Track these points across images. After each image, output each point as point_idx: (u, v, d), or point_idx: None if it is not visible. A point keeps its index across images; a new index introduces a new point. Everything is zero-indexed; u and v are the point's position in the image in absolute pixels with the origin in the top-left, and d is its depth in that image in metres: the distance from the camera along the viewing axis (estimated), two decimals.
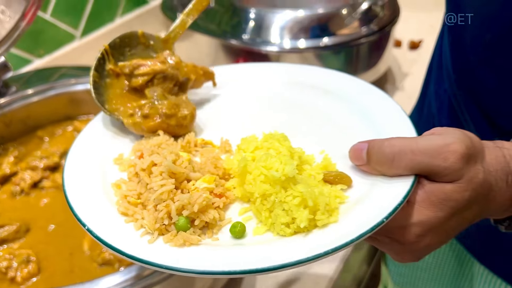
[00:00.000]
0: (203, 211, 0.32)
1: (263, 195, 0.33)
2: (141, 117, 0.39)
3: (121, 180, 0.36)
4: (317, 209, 0.32)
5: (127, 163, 0.37)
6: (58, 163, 0.61)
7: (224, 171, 0.37)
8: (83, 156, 0.38)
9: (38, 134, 0.66)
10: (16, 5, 0.63)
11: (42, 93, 0.67)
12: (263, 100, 0.46)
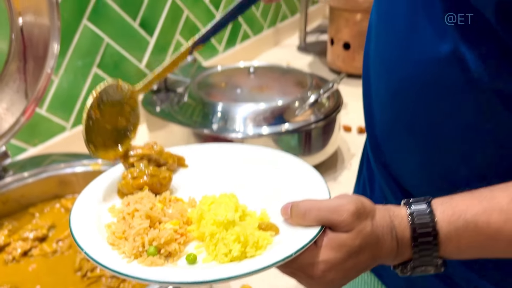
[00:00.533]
0: (168, 243, 0.44)
1: (211, 234, 0.45)
2: (131, 178, 0.52)
3: (111, 222, 0.47)
4: (247, 244, 0.44)
5: (117, 211, 0.49)
6: (46, 235, 0.71)
7: (188, 219, 0.49)
8: (85, 206, 0.50)
9: (29, 211, 0.77)
10: (18, 103, 0.76)
11: (35, 176, 0.78)
12: (223, 171, 0.58)
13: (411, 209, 0.46)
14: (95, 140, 0.53)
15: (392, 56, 0.56)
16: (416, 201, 0.46)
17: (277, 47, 1.80)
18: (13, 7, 0.70)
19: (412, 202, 0.46)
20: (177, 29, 1.35)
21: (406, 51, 0.53)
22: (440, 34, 0.48)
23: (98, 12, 1.08)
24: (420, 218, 0.45)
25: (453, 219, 0.44)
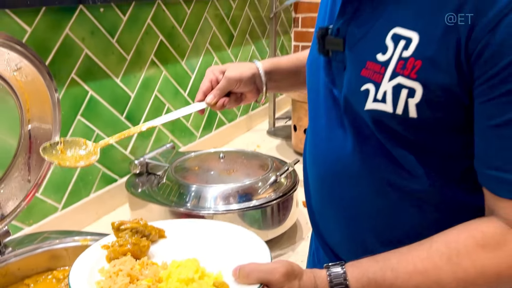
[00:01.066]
0: None
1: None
2: (118, 246, 0.67)
3: (100, 280, 0.62)
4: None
5: (105, 271, 0.63)
6: None
7: (159, 278, 0.63)
8: (80, 267, 0.65)
9: (25, 282, 0.89)
10: (21, 189, 0.92)
11: (30, 252, 0.92)
12: (192, 240, 0.73)
13: (329, 271, 0.60)
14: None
15: (317, 151, 0.74)
16: (334, 265, 0.61)
17: (249, 131, 2.01)
18: (24, 116, 0.88)
19: (331, 266, 0.61)
20: None
21: (326, 150, 0.72)
22: (344, 138, 0.67)
23: (90, 108, 1.27)
24: (336, 278, 0.59)
25: (359, 277, 0.59)
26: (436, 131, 0.57)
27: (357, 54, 0.62)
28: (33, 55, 0.82)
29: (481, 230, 0.54)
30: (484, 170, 0.55)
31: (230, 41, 1.92)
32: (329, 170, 0.71)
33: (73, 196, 1.25)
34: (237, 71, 0.85)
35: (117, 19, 1.33)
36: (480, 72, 0.51)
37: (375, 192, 0.65)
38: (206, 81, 0.86)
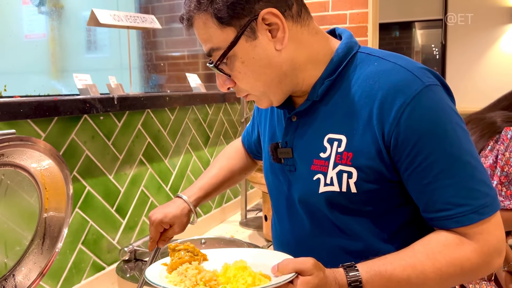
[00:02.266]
0: (209, 281, 0.78)
1: (234, 276, 0.77)
2: (177, 258, 0.85)
3: (171, 279, 0.81)
4: (256, 278, 0.75)
5: (172, 275, 0.83)
6: None
7: (217, 275, 0.81)
8: (151, 273, 0.82)
9: None
10: (33, 272, 1.05)
11: None
12: (231, 259, 0.86)
13: (343, 266, 0.78)
14: None
15: (282, 233, 0.96)
16: (348, 265, 0.78)
17: (223, 223, 2.18)
18: (43, 206, 1.05)
19: (345, 265, 0.78)
20: (144, 212, 1.72)
21: (289, 231, 0.94)
22: (302, 221, 0.90)
23: (87, 202, 1.44)
24: (351, 270, 0.77)
25: (368, 270, 0.78)
26: (373, 201, 0.81)
27: (304, 156, 0.87)
28: (59, 158, 1.02)
29: (444, 236, 0.78)
30: (430, 215, 0.79)
31: (207, 142, 2.17)
32: (294, 245, 0.92)
33: (67, 283, 1.37)
34: (182, 227, 1.08)
35: (113, 125, 1.56)
36: (398, 155, 0.77)
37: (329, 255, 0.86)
38: (155, 233, 1.06)
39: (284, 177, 0.93)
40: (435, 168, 0.76)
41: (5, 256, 1.00)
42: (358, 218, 0.83)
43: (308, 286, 0.71)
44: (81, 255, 1.43)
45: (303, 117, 0.87)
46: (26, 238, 1.05)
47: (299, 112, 0.87)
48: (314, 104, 0.85)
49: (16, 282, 1.02)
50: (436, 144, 0.76)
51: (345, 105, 0.82)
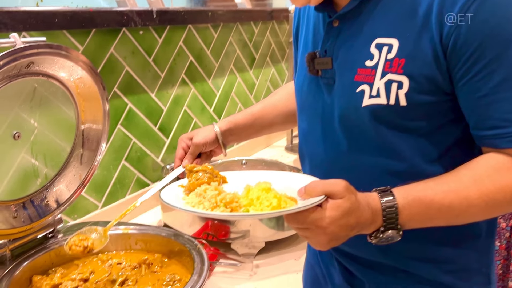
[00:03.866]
0: (231, 202, 0.72)
1: (257, 198, 0.71)
2: (195, 179, 0.80)
3: (188, 200, 0.76)
4: (281, 201, 0.69)
5: (190, 195, 0.77)
6: (88, 277, 0.97)
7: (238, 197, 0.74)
8: (167, 194, 0.79)
9: (75, 262, 1.03)
10: (73, 184, 1.06)
11: None
12: (252, 182, 0.81)
13: (377, 190, 0.70)
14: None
15: (315, 153, 0.87)
16: (383, 189, 0.70)
17: (268, 147, 2.14)
18: (79, 118, 1.04)
19: (379, 189, 0.70)
20: (187, 132, 1.70)
21: (323, 150, 0.85)
22: (338, 138, 0.81)
23: (128, 119, 1.43)
24: (385, 195, 0.68)
25: (405, 196, 0.69)
26: (423, 116, 0.70)
27: (346, 65, 0.76)
28: (92, 69, 0.98)
29: (495, 159, 0.68)
30: (481, 133, 0.69)
31: (252, 64, 2.08)
32: (327, 167, 0.84)
33: (111, 197, 1.40)
34: (201, 137, 1.00)
35: (153, 41, 1.50)
36: (456, 60, 0.66)
37: (368, 176, 0.78)
38: (180, 149, 0.99)
39: (320, 92, 0.83)
40: (495, 78, 0.64)
41: (45, 166, 1.01)
42: (404, 135, 0.73)
43: (338, 210, 0.65)
44: (125, 171, 1.44)
45: (347, 21, 0.76)
46: (65, 149, 1.05)
47: (343, 14, 0.75)
48: (361, 4, 0.73)
49: (57, 193, 1.04)
50: (502, 49, 0.63)
51: (399, 3, 0.70)
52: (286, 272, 1.14)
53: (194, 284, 0.86)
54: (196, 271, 0.90)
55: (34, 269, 0.96)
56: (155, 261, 1.02)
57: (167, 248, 1.04)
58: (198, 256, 0.95)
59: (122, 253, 1.08)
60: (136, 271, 1.00)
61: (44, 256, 0.99)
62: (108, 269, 1.00)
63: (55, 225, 1.04)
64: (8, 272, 0.92)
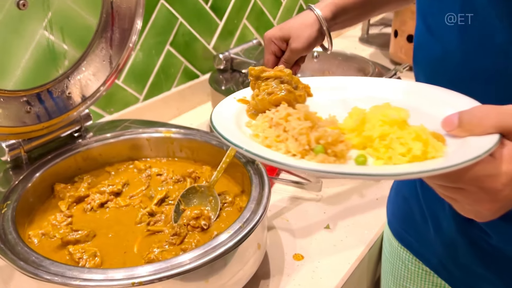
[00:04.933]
0: (335, 143, 0.42)
1: (382, 136, 0.42)
2: (267, 94, 0.51)
3: (255, 134, 0.47)
4: (428, 144, 0.40)
5: (261, 122, 0.48)
6: (121, 190, 0.78)
7: (340, 129, 0.45)
8: (222, 122, 0.48)
9: (106, 169, 0.84)
10: (103, 71, 0.84)
11: (112, 138, 0.86)
12: (352, 98, 0.54)
13: None
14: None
15: (448, 52, 0.56)
16: None
17: (339, 37, 1.81)
18: None
19: None
20: (244, 15, 1.40)
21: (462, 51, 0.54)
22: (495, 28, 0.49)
23: None
24: None
25: None
26: None
27: None
28: None
29: None
30: None
31: None
32: (470, 72, 0.55)
33: (154, 89, 1.18)
34: (302, 41, 0.68)
35: None
36: None
37: None
38: (269, 56, 0.72)
39: None
40: None
41: (64, 44, 0.78)
42: None
43: None
44: (170, 59, 1.20)
45: None
46: (90, 26, 0.80)
47: None
48: None
49: (82, 82, 0.82)
50: None
51: None
52: (362, 196, 0.91)
53: (251, 215, 0.65)
54: (254, 197, 0.68)
55: (56, 176, 0.79)
56: (202, 175, 0.81)
57: (218, 159, 0.83)
58: (256, 176, 0.73)
59: (163, 160, 0.88)
60: (180, 185, 0.80)
61: (69, 160, 0.81)
62: (145, 180, 0.81)
63: (82, 122, 0.84)
64: (25, 177, 0.74)
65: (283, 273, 0.73)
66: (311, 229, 0.82)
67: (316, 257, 0.76)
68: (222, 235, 0.61)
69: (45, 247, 0.67)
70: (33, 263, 0.57)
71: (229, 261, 0.61)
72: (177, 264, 0.56)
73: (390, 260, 0.81)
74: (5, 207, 0.67)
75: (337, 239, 0.80)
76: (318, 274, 0.73)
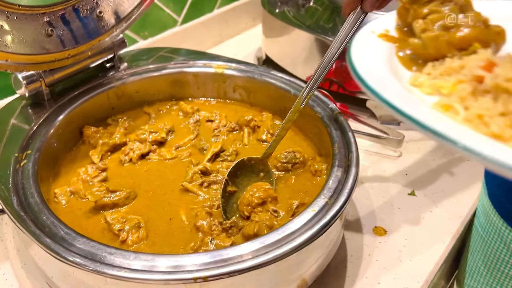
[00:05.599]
0: None
1: None
2: (441, 28, 0.32)
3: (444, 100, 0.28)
4: None
5: (441, 86, 0.30)
6: (165, 138, 0.63)
7: None
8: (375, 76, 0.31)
9: (145, 110, 0.69)
10: None
11: (152, 71, 0.70)
12: None
13: None
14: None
15: None
16: None
17: None
18: None
19: None
20: None
21: None
22: None
23: None
24: None
25: None
26: None
27: None
28: None
29: None
30: None
31: None
32: None
33: (194, 10, 0.99)
34: None
35: None
36: None
37: None
38: None
39: None
40: None
41: None
42: None
43: None
44: None
45: None
46: None
47: None
48: None
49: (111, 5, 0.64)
50: None
51: None
52: (452, 155, 0.75)
53: (338, 186, 0.50)
54: (340, 162, 0.53)
55: (85, 117, 0.64)
56: (263, 124, 0.66)
57: (280, 105, 0.67)
58: (338, 132, 0.57)
59: (213, 102, 0.72)
60: (235, 136, 0.65)
61: (100, 97, 0.65)
62: (193, 127, 0.66)
63: (116, 50, 0.68)
64: (48, 118, 0.60)
65: (362, 252, 0.59)
66: (391, 195, 0.67)
67: (402, 232, 0.62)
68: (303, 215, 0.46)
69: (75, 210, 0.54)
70: (63, 241, 0.43)
71: (312, 249, 0.47)
72: (248, 254, 0.42)
73: (484, 239, 0.67)
74: (24, 159, 0.53)
75: (426, 209, 0.65)
76: (405, 255, 0.59)
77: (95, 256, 0.42)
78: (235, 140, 0.64)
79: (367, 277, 0.56)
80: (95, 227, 0.51)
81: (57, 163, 0.59)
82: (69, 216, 0.53)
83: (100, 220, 0.52)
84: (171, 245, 0.50)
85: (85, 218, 0.53)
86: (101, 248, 0.43)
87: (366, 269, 0.57)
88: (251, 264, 0.41)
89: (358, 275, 0.56)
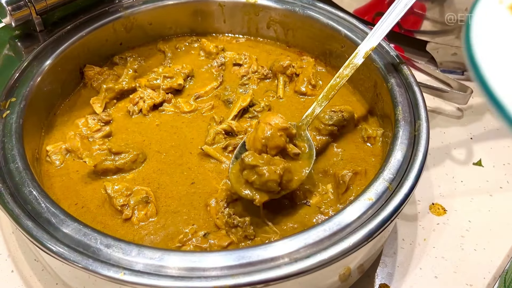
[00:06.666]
0: None
1: None
2: None
3: None
4: None
5: None
6: (182, 85, 0.52)
7: None
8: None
9: (159, 47, 0.57)
10: None
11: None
12: None
13: None
14: None
15: None
16: None
17: None
18: None
19: None
20: None
21: None
22: None
23: None
24: None
25: None
26: None
27: None
28: None
29: None
30: None
31: None
32: None
33: None
34: None
35: None
36: None
37: None
38: None
39: None
40: None
41: None
42: None
43: None
44: None
45: None
46: None
47: None
48: None
49: None
50: None
51: None
52: None
53: (403, 165, 0.39)
54: (404, 130, 0.41)
55: (86, 53, 0.52)
56: (304, 71, 0.53)
57: (325, 48, 0.54)
58: (402, 90, 0.45)
59: (241, 40, 0.59)
60: (268, 85, 0.53)
61: (105, 29, 0.53)
62: (217, 72, 0.54)
63: None
64: (40, 53, 0.48)
65: (416, 236, 0.49)
66: (452, 165, 0.56)
67: (465, 213, 0.51)
68: (356, 204, 0.35)
69: (70, 173, 0.44)
70: (48, 224, 0.34)
71: (367, 248, 0.37)
72: (284, 257, 0.32)
73: None
74: (7, 108, 0.43)
75: (495, 184, 0.54)
76: (469, 242, 0.48)
77: (88, 248, 0.33)
78: (268, 91, 0.52)
79: (421, 268, 0.46)
80: (93, 196, 0.42)
81: (51, 111, 0.49)
82: (63, 180, 0.43)
83: (101, 188, 0.42)
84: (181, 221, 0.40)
85: (82, 184, 0.43)
86: (96, 237, 0.33)
87: (420, 258, 0.47)
88: (288, 271, 0.32)
89: (410, 265, 0.46)
